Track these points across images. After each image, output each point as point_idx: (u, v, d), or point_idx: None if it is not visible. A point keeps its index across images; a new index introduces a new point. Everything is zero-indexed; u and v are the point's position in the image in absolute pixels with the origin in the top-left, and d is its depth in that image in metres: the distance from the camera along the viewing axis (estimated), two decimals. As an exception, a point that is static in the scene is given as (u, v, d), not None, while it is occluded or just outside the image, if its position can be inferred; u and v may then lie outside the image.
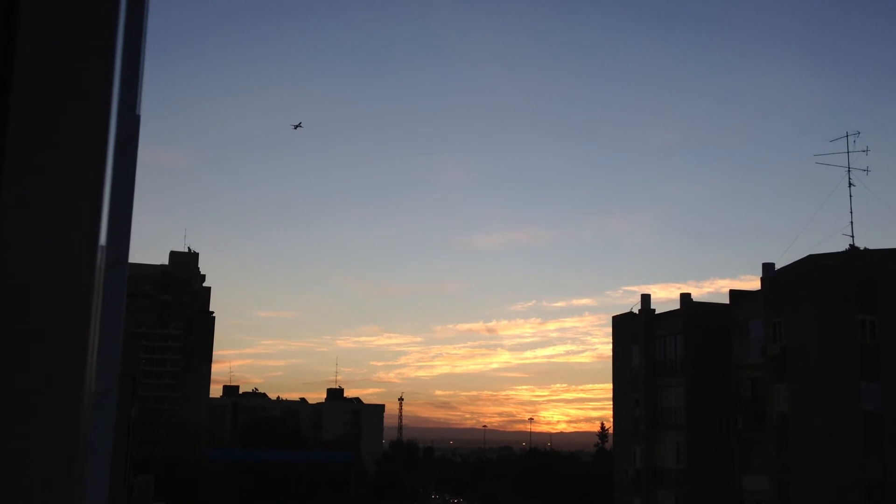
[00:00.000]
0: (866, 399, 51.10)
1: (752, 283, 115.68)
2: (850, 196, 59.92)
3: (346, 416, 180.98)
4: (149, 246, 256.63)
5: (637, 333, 67.80)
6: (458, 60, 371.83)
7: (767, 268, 57.51)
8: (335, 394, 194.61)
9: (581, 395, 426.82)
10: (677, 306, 66.25)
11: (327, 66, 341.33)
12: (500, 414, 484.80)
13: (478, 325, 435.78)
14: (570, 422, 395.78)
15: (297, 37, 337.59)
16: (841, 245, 60.59)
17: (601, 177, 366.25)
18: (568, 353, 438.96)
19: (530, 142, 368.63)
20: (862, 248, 57.69)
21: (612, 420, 74.76)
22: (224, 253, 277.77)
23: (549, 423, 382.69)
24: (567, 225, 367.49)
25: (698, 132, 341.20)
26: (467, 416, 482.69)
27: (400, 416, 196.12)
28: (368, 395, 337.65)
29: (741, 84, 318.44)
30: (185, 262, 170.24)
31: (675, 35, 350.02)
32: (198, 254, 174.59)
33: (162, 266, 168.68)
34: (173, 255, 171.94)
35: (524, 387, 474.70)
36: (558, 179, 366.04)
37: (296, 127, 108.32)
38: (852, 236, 58.78)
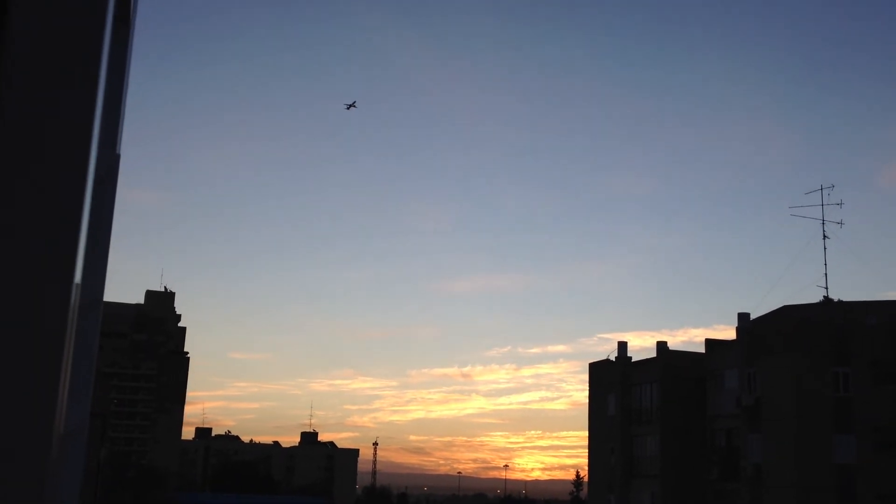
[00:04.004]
0: (839, 452, 51.15)
1: (726, 333, 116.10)
2: (825, 248, 60.55)
3: (319, 461, 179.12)
4: (124, 285, 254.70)
5: (613, 381, 67.73)
6: (435, 109, 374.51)
7: (743, 318, 57.73)
8: (309, 437, 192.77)
9: (556, 442, 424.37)
10: (651, 354, 66.37)
11: (305, 111, 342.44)
12: (474, 460, 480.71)
13: (452, 370, 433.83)
14: (544, 469, 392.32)
15: (277, 81, 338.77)
16: (815, 297, 61.12)
17: (577, 225, 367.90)
18: (542, 399, 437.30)
19: (508, 189, 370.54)
20: (836, 300, 58.13)
21: (587, 468, 74.43)
22: (199, 293, 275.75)
23: (523, 470, 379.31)
24: (543, 272, 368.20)
25: (675, 182, 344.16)
26: (441, 461, 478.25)
27: (374, 461, 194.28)
28: (342, 439, 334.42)
29: (716, 135, 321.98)
30: (160, 302, 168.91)
31: (649, 87, 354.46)
32: (174, 293, 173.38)
33: (137, 305, 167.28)
34: (149, 294, 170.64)
35: (499, 433, 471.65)
36: (534, 227, 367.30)
37: (349, 107, 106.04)
38: (826, 288, 59.28)
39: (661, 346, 65.66)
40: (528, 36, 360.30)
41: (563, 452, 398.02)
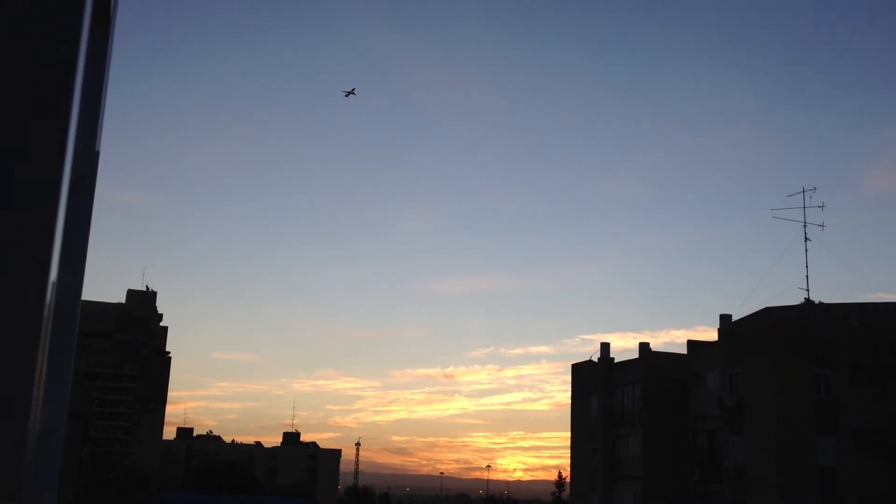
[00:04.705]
0: (822, 453, 51.41)
1: (708, 335, 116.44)
2: (806, 250, 60.92)
3: (301, 461, 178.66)
4: (106, 284, 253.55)
5: (596, 382, 67.84)
6: (422, 109, 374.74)
7: (724, 319, 57.91)
8: (291, 438, 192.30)
9: (538, 442, 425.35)
10: (633, 355, 66.44)
11: (290, 111, 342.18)
12: (456, 461, 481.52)
13: (435, 371, 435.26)
14: (526, 470, 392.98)
15: (264, 81, 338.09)
16: (796, 299, 61.35)
17: (560, 226, 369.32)
18: (525, 400, 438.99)
19: (492, 190, 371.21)
20: (817, 302, 58.45)
21: (569, 469, 74.52)
22: (181, 292, 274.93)
23: (505, 470, 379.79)
24: (526, 273, 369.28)
25: (658, 185, 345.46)
26: (424, 462, 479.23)
27: (356, 462, 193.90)
28: (324, 439, 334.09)
29: (699, 138, 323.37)
30: (142, 301, 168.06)
31: (633, 90, 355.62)
32: (156, 293, 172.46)
33: (119, 304, 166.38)
34: (131, 293, 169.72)
35: (481, 433, 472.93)
36: (518, 228, 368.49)
37: (348, 94, 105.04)
38: (807, 290, 59.68)
39: (644, 347, 65.78)
40: (521, 38, 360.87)
41: (545, 453, 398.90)
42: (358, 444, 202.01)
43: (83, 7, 1.60)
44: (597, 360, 69.20)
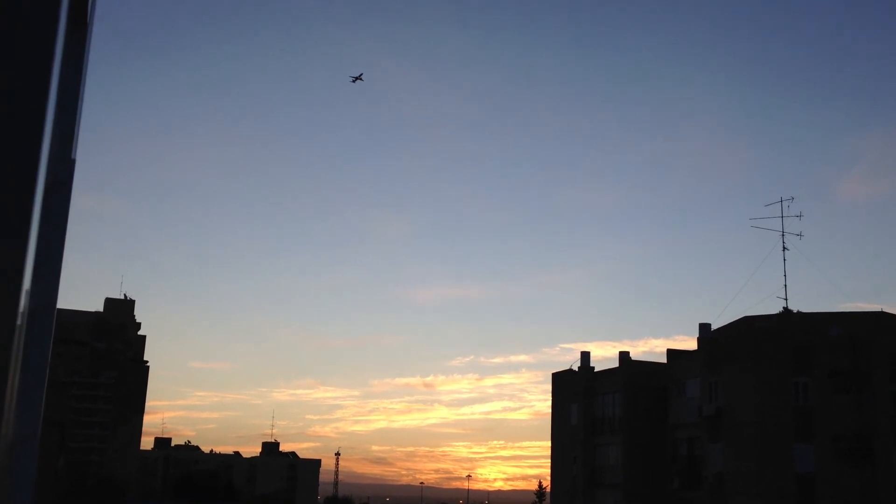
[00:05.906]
0: (800, 461, 51.67)
1: (688, 343, 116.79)
2: (784, 260, 61.27)
3: (281, 471, 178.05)
4: (83, 292, 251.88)
5: (576, 391, 67.93)
6: (399, 120, 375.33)
7: (704, 328, 58.16)
8: (270, 447, 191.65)
9: (518, 452, 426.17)
10: (612, 364, 66.60)
11: (268, 120, 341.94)
12: (436, 470, 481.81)
13: (415, 380, 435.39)
14: (507, 479, 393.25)
15: (240, 90, 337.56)
16: (775, 307, 61.72)
17: (539, 235, 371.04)
18: (505, 409, 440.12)
19: (471, 199, 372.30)
20: (795, 310, 58.79)
21: (549, 478, 74.49)
22: (160, 301, 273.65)
23: (486, 480, 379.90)
24: (505, 282, 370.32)
25: (637, 194, 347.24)
26: (403, 472, 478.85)
27: (336, 472, 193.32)
28: (304, 449, 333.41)
29: (678, 147, 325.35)
30: (120, 310, 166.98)
31: (612, 98, 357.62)
32: (134, 301, 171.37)
33: (97, 313, 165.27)
34: (108, 301, 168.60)
35: (461, 443, 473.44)
36: (498, 237, 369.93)
37: (355, 79, 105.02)
38: (786, 299, 60.03)
39: (624, 356, 65.91)
40: (500, 47, 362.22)
41: (525, 462, 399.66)
42: (337, 454, 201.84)
43: (59, 8, 1.58)
44: (577, 369, 69.30)
